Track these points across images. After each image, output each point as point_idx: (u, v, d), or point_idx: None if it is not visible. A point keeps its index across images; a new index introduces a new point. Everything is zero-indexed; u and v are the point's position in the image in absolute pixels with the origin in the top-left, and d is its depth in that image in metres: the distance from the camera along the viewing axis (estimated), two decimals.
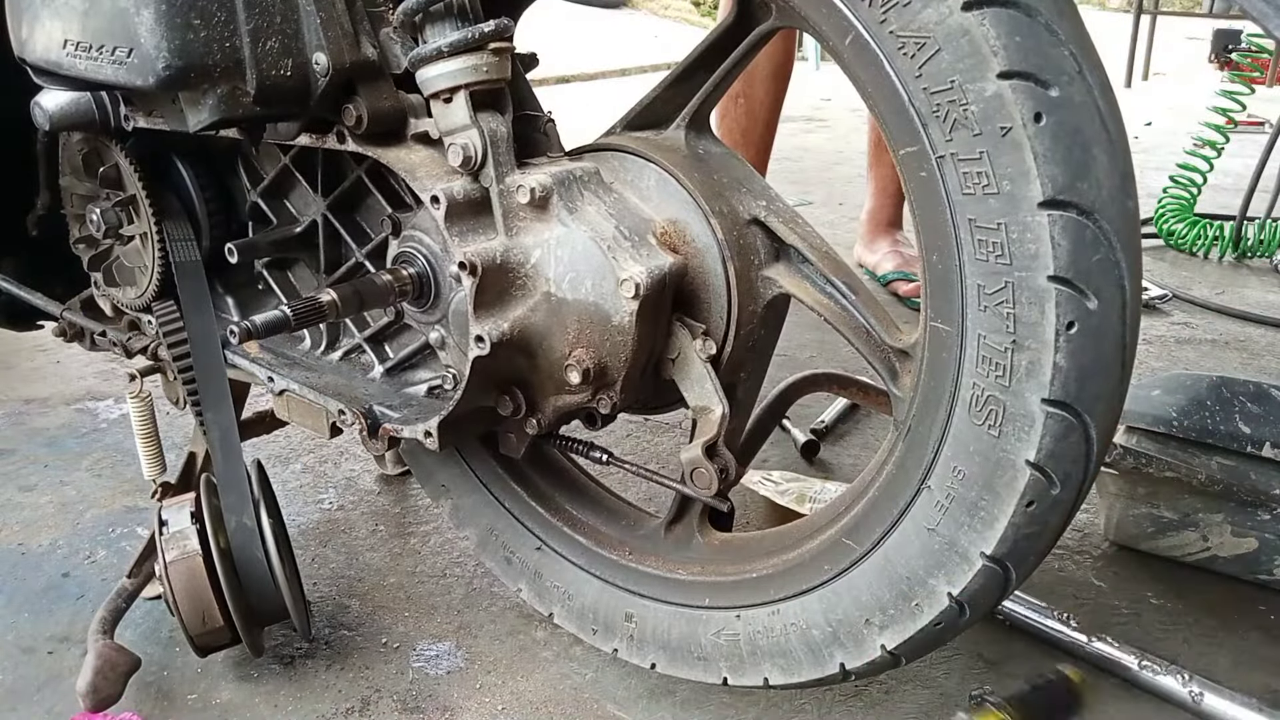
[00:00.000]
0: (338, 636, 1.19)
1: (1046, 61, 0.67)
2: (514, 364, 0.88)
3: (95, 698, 1.01)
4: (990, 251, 0.71)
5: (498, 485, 1.16)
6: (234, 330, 0.86)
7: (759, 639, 0.95)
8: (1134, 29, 6.86)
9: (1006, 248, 0.70)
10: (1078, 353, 0.70)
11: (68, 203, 1.22)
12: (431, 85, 0.84)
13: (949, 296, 0.75)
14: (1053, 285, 0.69)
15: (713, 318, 0.87)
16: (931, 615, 0.81)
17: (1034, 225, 0.68)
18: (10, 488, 1.55)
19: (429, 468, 1.21)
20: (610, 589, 1.07)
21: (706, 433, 0.85)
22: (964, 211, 0.71)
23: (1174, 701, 1.05)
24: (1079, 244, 0.68)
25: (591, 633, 1.10)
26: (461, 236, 0.84)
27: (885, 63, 0.72)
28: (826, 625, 0.89)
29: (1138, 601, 1.24)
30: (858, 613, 0.86)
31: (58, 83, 0.94)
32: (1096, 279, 0.69)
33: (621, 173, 0.89)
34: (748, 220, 0.89)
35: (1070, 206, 0.68)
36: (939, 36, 0.69)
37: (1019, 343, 0.71)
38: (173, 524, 1.05)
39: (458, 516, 1.20)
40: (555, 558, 1.12)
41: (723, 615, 0.97)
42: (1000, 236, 0.70)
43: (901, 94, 0.72)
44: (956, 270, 0.73)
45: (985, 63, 0.67)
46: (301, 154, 1.05)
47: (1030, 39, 0.67)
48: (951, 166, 0.71)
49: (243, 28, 0.81)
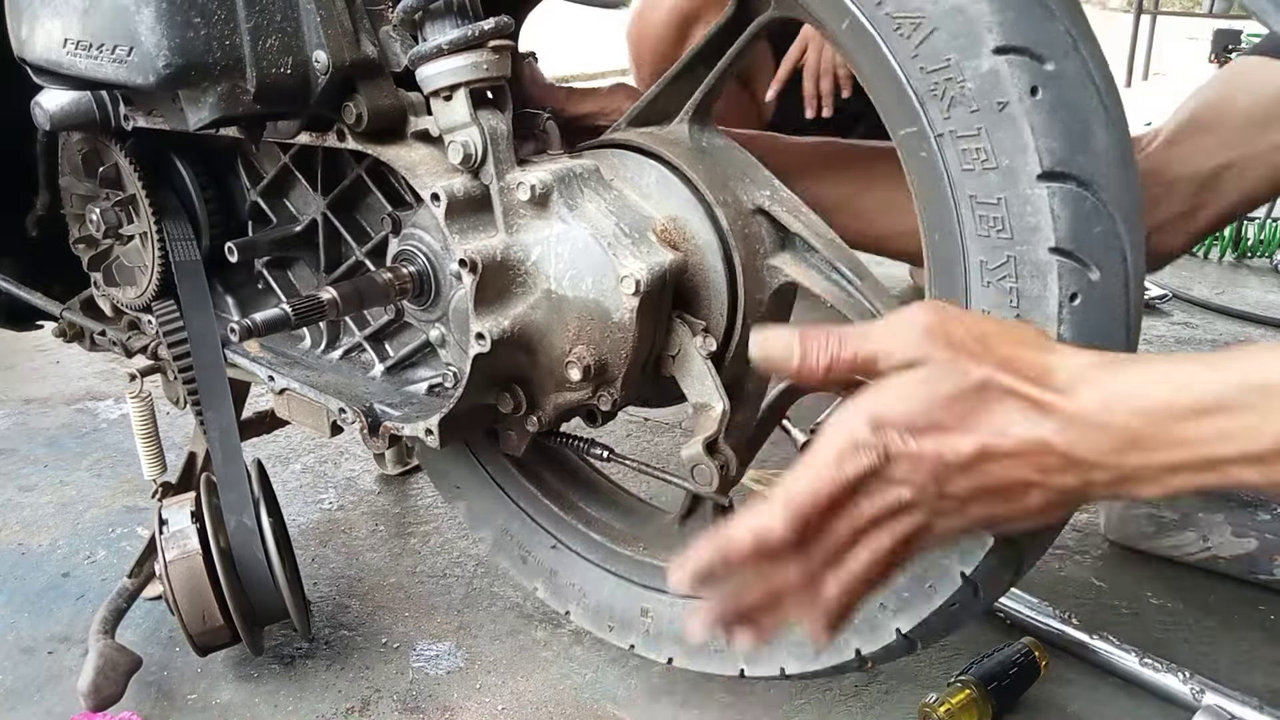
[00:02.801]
0: (338, 636, 1.19)
1: (1041, 36, 0.68)
2: (514, 361, 0.88)
3: (97, 697, 1.01)
4: (991, 227, 0.71)
5: (512, 485, 1.15)
6: (235, 328, 0.86)
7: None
8: (1134, 29, 6.86)
9: (1007, 222, 0.70)
10: (1081, 325, 0.70)
11: (67, 202, 1.22)
12: (431, 83, 0.84)
13: (952, 274, 0.75)
14: (1054, 257, 0.69)
15: (713, 314, 0.87)
16: (945, 596, 0.82)
17: (1033, 198, 0.69)
18: (10, 488, 1.55)
19: (442, 469, 1.21)
20: (626, 585, 1.07)
21: (707, 429, 0.85)
22: (964, 188, 0.72)
23: (1174, 701, 1.05)
24: (1079, 215, 0.68)
25: (608, 629, 1.09)
26: (462, 234, 0.84)
27: (882, 44, 0.73)
28: None
29: (1138, 601, 1.24)
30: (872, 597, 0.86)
31: (58, 82, 0.94)
32: (1098, 250, 0.69)
33: (621, 170, 0.89)
34: (752, 210, 0.89)
35: (1069, 178, 0.68)
36: (934, 15, 0.70)
37: (1023, 317, 0.71)
38: (173, 523, 1.05)
39: (472, 517, 1.19)
40: (571, 556, 1.12)
41: None
42: (1000, 211, 0.70)
43: (899, 74, 0.73)
44: (958, 248, 0.74)
45: (980, 39, 0.68)
46: (301, 153, 1.05)
47: (1025, 14, 0.68)
48: (950, 144, 0.71)
49: (243, 25, 0.81)
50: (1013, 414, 0.59)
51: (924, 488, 0.61)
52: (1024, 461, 0.60)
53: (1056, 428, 0.59)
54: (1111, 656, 1.09)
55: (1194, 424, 0.57)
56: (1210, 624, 1.20)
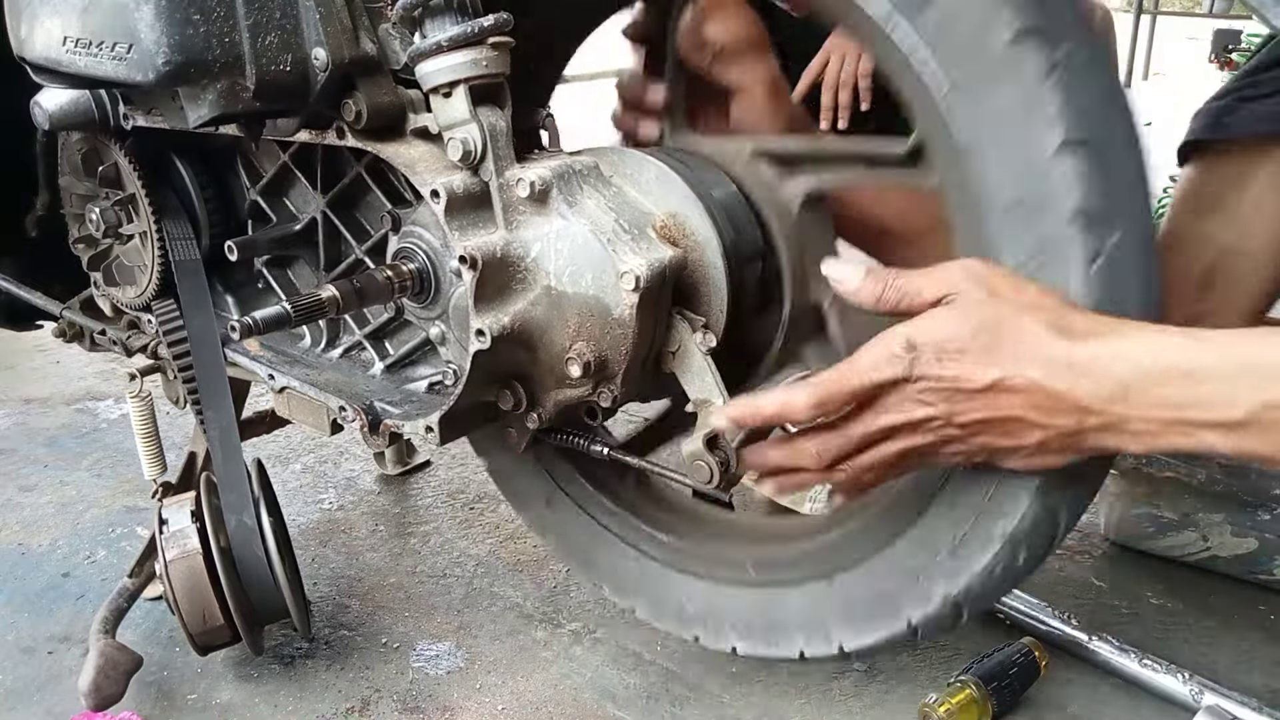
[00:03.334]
0: (338, 636, 1.19)
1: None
2: (515, 358, 0.88)
3: (98, 696, 1.01)
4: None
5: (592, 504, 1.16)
6: (235, 326, 0.86)
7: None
8: (1134, 29, 6.87)
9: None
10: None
11: (67, 202, 1.22)
12: (431, 80, 0.84)
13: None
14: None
15: (713, 311, 0.87)
16: (987, 557, 0.84)
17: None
18: (10, 488, 1.55)
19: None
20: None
21: (707, 426, 0.84)
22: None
23: (1174, 701, 1.05)
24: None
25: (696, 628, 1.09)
26: (461, 231, 0.84)
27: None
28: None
29: (1138, 601, 1.24)
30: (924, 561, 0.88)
31: (57, 80, 0.94)
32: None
33: (621, 166, 0.89)
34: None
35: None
36: None
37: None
38: (173, 523, 1.05)
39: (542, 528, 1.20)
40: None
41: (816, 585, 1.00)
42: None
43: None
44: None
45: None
46: (300, 151, 1.05)
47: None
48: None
49: (242, 23, 0.81)
50: (1030, 353, 0.67)
51: (938, 408, 0.70)
52: (1030, 398, 0.67)
53: (1063, 370, 0.66)
54: (1111, 656, 1.09)
55: (1175, 387, 0.64)
56: (1210, 624, 1.19)
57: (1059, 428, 0.68)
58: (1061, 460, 0.71)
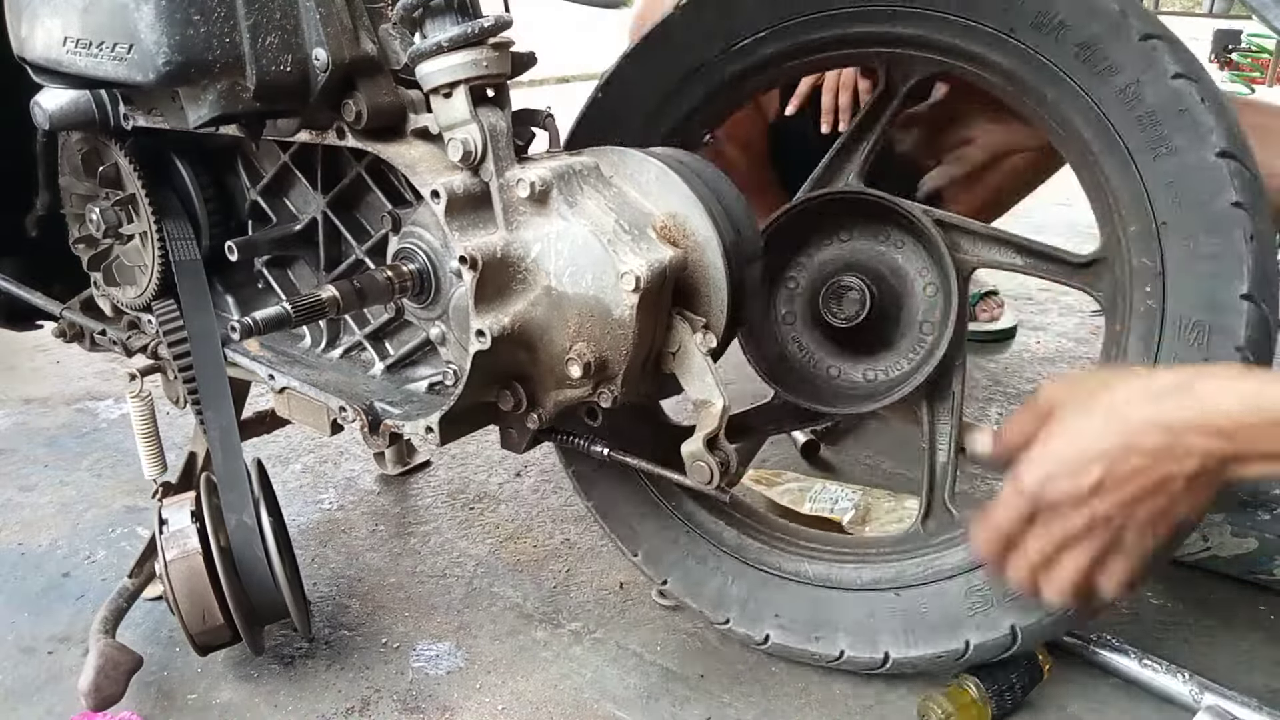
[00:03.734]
0: (338, 636, 1.19)
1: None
2: (515, 358, 0.88)
3: (98, 696, 1.01)
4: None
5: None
6: (235, 326, 0.86)
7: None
8: None
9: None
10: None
11: (67, 202, 1.22)
12: (431, 80, 0.84)
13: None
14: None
15: (713, 311, 0.87)
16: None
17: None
18: (10, 488, 1.55)
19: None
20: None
21: (707, 426, 0.85)
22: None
23: (1174, 701, 1.05)
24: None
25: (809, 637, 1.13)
26: (462, 231, 0.84)
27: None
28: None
29: (1138, 601, 1.24)
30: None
31: (57, 81, 0.94)
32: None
33: (621, 167, 0.89)
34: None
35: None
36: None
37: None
38: (173, 523, 1.05)
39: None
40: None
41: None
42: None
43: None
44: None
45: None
46: (301, 151, 1.05)
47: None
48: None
49: (242, 23, 0.81)
50: (1120, 423, 0.73)
51: (1078, 518, 0.75)
52: (1147, 458, 0.73)
53: (1153, 410, 0.73)
54: (1111, 656, 1.09)
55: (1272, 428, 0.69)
56: (1210, 624, 1.19)
57: (1189, 470, 0.72)
58: (1220, 485, 0.75)
